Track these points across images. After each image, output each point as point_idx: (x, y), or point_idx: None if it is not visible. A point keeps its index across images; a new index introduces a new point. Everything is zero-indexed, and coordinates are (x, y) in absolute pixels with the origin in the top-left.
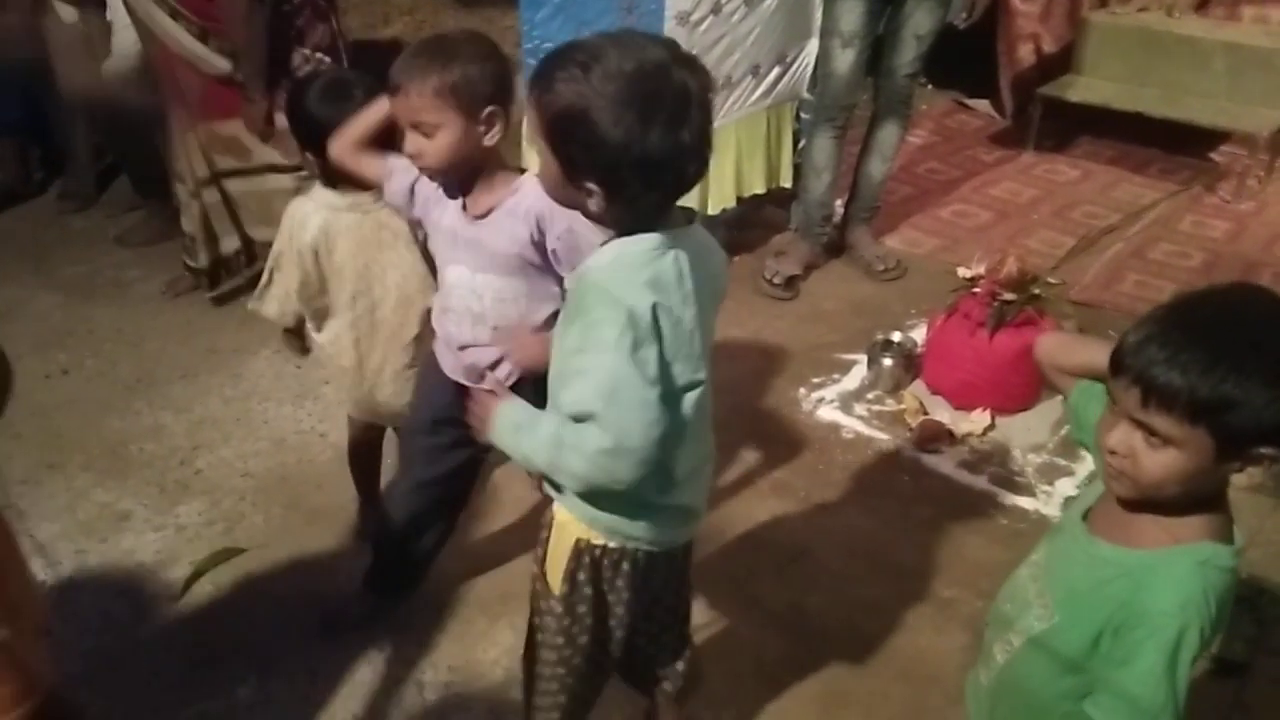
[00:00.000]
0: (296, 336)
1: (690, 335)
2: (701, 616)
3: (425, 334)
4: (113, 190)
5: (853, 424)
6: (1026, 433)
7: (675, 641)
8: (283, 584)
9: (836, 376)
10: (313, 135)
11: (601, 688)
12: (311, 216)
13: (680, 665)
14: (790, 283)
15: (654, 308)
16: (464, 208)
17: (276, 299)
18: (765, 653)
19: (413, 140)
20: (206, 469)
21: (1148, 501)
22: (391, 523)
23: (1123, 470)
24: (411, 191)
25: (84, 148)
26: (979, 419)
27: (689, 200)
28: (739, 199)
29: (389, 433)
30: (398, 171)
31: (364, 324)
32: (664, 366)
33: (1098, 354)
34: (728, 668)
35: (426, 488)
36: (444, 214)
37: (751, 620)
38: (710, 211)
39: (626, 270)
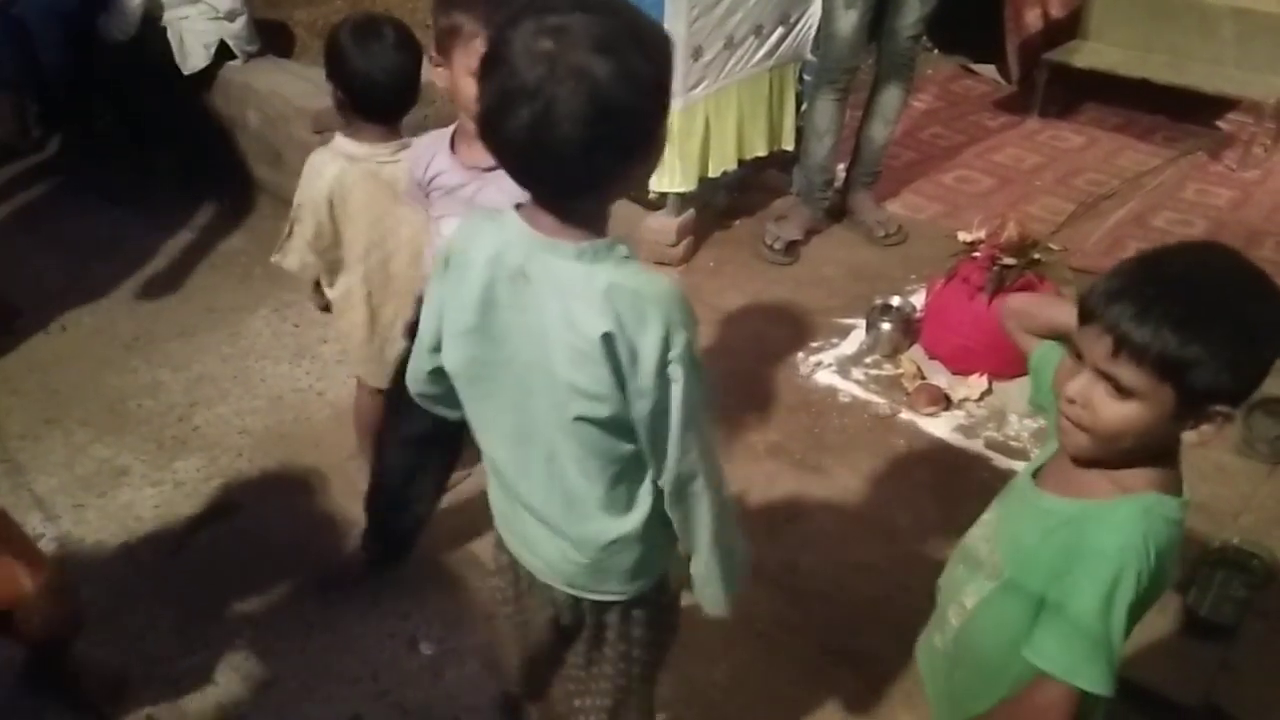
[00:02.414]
0: (320, 291)
1: (449, 312)
2: None
3: None
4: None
5: (850, 388)
6: (1023, 398)
7: (588, 701)
8: (279, 541)
9: (835, 341)
10: (344, 74)
11: (540, 657)
12: (328, 165)
13: None
14: (791, 248)
15: (455, 255)
16: (457, 158)
17: (297, 251)
18: (758, 611)
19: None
20: (204, 426)
21: (1100, 455)
22: (384, 478)
23: (1079, 421)
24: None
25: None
26: (976, 384)
27: (689, 163)
28: (740, 161)
29: None
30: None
31: (376, 278)
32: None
33: (1062, 313)
34: (720, 625)
35: (418, 441)
36: (438, 169)
37: (746, 580)
38: (711, 174)
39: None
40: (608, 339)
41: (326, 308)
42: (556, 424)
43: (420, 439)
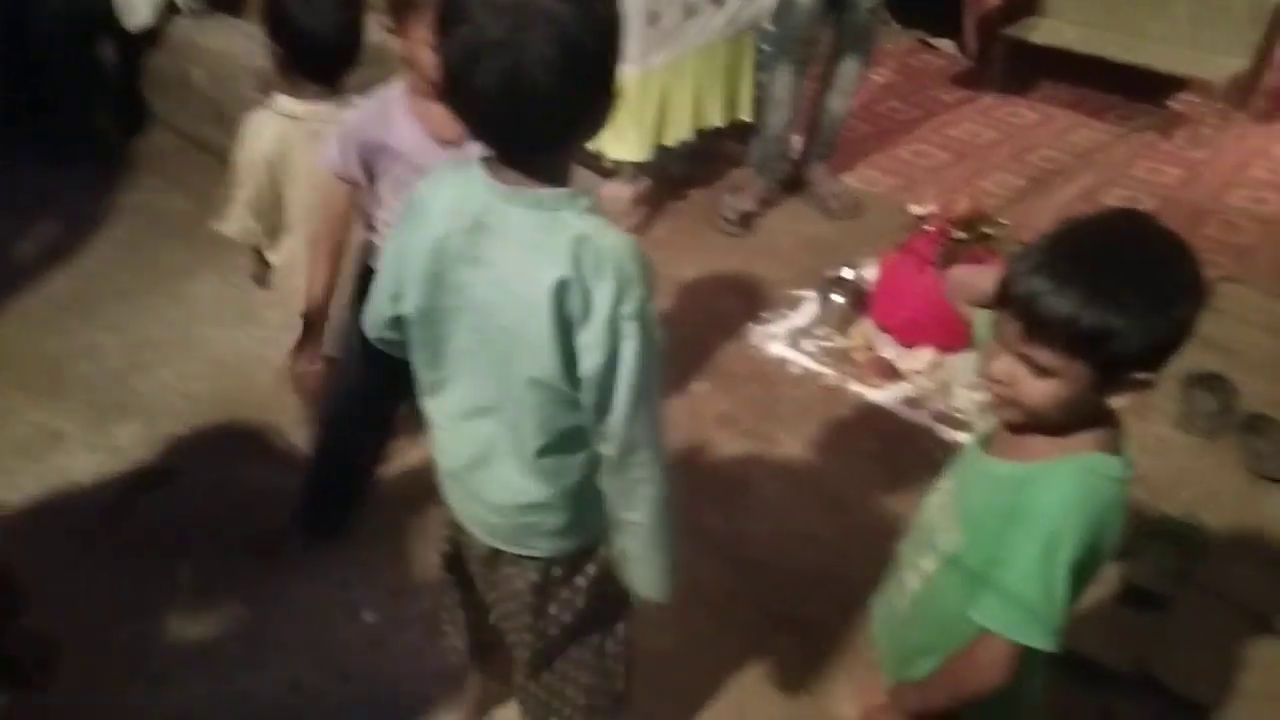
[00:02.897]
0: (261, 259)
1: (408, 260)
2: None
3: None
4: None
5: (800, 359)
6: (968, 371)
7: (524, 657)
8: (220, 508)
9: (786, 312)
10: (284, 30)
11: (480, 623)
12: (268, 126)
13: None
14: (745, 219)
15: (417, 203)
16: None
17: (239, 216)
18: (704, 579)
19: None
20: (144, 390)
21: (1034, 426)
22: (324, 445)
23: (1005, 398)
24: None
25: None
26: (924, 356)
27: (645, 131)
28: (697, 131)
29: None
30: (342, 139)
31: None
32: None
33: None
34: None
35: (358, 407)
36: (400, 138)
37: (691, 548)
38: (667, 143)
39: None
40: (563, 285)
41: (262, 279)
42: (505, 380)
43: (361, 405)
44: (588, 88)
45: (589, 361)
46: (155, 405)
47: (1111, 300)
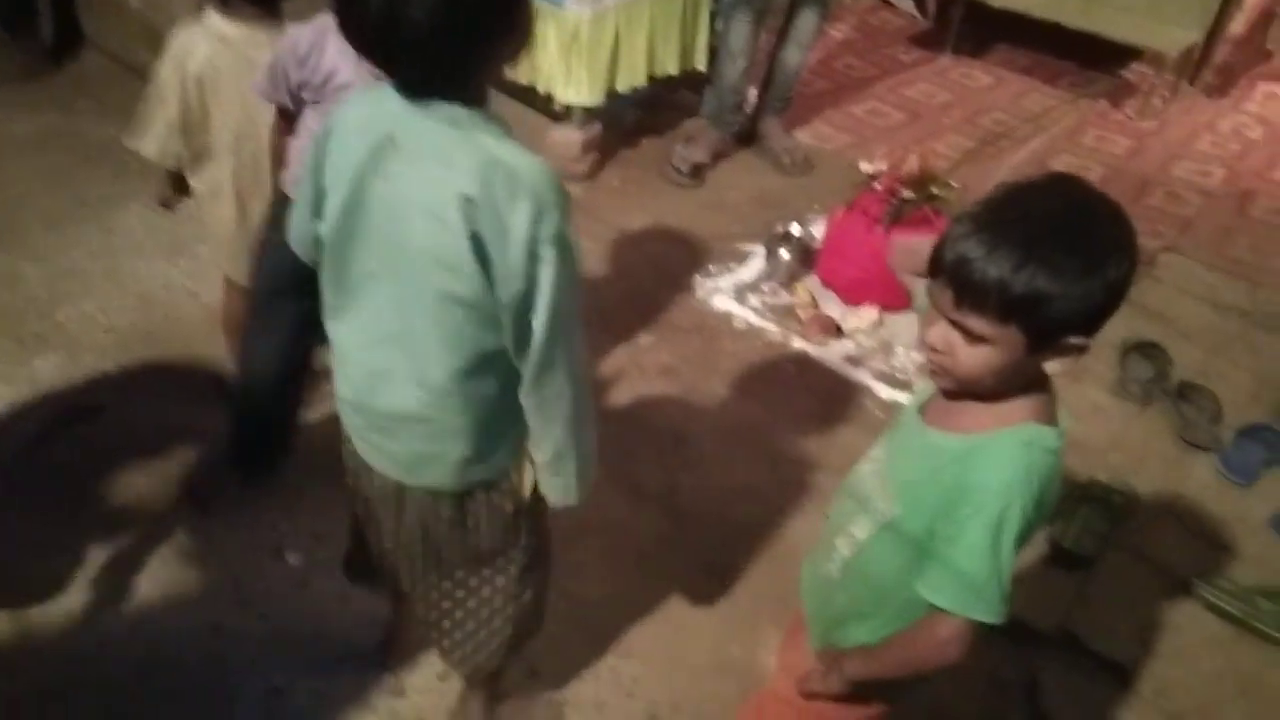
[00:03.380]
0: (176, 182)
1: (325, 179)
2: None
3: None
4: None
5: (745, 314)
6: (911, 331)
7: (425, 593)
8: (142, 445)
9: (733, 266)
10: None
11: (383, 554)
12: (199, 45)
13: (442, 631)
14: (697, 170)
15: (333, 124)
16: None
17: (157, 135)
18: (639, 530)
19: None
20: (67, 322)
21: (971, 392)
22: (248, 382)
23: (942, 365)
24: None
25: None
26: (867, 315)
27: (597, 75)
28: (651, 79)
29: None
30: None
31: (247, 173)
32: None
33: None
34: (602, 544)
35: (283, 342)
36: (333, 68)
37: (628, 501)
38: (620, 89)
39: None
40: (469, 202)
41: (170, 203)
42: (412, 302)
43: (286, 339)
44: (473, 23)
45: (507, 290)
46: (78, 338)
47: (1043, 264)
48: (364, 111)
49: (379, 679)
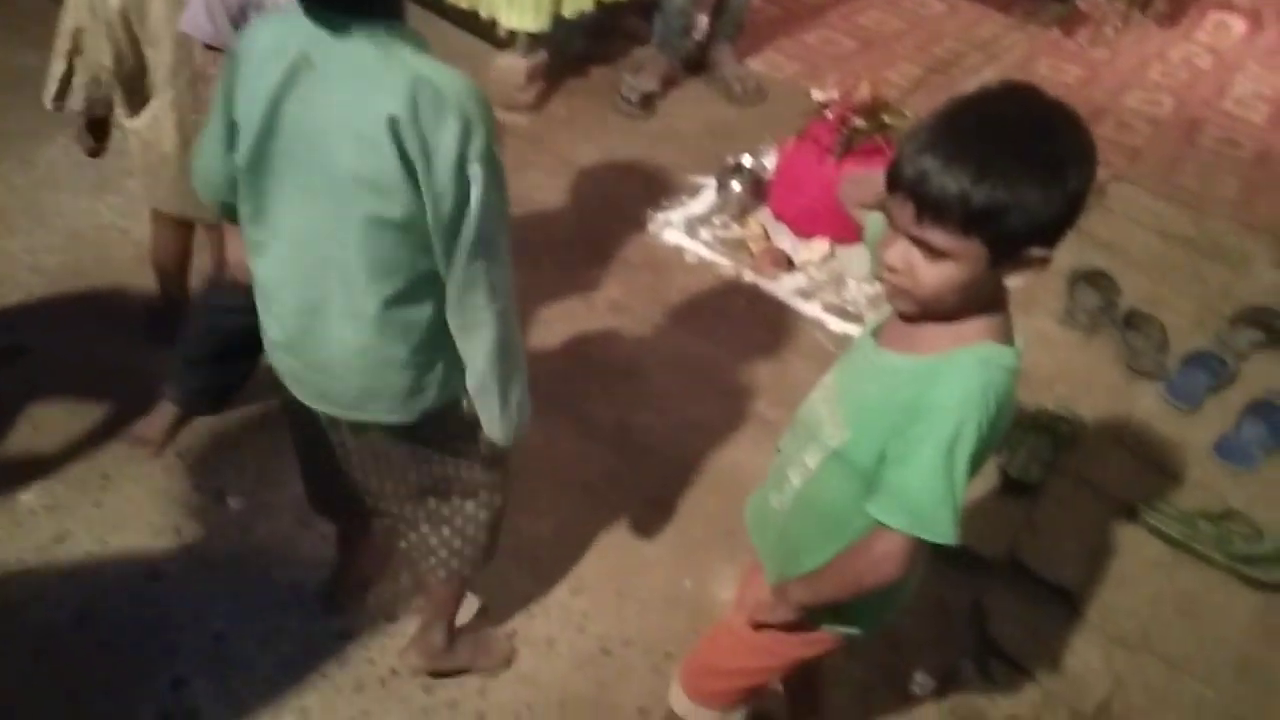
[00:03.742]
0: (100, 128)
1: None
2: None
3: None
4: None
5: (696, 248)
6: (862, 264)
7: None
8: (73, 388)
9: (685, 199)
10: None
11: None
12: None
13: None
14: (647, 100)
15: (241, 50)
16: None
17: (82, 86)
18: (589, 466)
19: None
20: None
21: (929, 313)
22: (212, 324)
23: (901, 286)
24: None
25: None
26: (818, 247)
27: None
28: (599, 4)
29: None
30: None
31: (186, 101)
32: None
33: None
34: (551, 480)
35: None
36: None
37: (578, 435)
38: (566, 14)
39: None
40: (395, 122)
41: (95, 152)
42: (345, 228)
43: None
44: None
45: (437, 210)
46: (1, 278)
47: (1003, 174)
48: (274, 33)
49: (326, 622)
